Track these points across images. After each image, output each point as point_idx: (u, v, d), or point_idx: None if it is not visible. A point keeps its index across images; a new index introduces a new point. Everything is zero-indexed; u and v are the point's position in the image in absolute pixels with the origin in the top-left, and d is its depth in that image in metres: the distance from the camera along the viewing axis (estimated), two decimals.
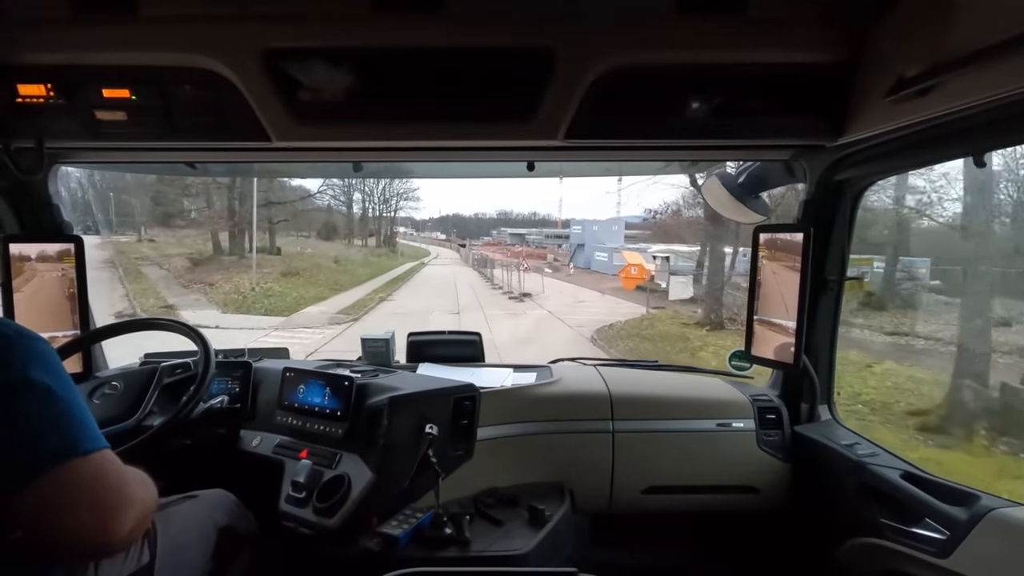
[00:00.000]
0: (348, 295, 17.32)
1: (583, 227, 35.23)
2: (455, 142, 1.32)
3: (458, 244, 50.56)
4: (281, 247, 22.34)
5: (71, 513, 0.69)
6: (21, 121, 1.22)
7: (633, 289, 17.80)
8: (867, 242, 8.43)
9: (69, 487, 0.68)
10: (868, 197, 1.53)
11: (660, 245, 21.77)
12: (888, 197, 8.67)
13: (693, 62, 1.18)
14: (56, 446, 0.68)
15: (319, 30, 1.14)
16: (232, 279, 16.32)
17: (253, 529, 1.28)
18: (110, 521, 0.71)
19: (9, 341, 0.70)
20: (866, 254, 8.31)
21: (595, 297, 18.48)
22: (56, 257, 1.60)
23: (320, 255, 24.07)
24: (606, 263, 26.06)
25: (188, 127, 1.25)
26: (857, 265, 1.72)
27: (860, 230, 1.58)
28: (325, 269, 21.07)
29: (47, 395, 0.69)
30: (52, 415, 0.69)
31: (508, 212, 73.14)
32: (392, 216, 36.55)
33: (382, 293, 18.23)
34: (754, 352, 1.65)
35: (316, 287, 17.74)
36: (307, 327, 12.71)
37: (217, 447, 1.53)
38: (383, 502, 1.31)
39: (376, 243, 34.55)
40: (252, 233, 18.37)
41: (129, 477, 0.77)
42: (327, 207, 31.49)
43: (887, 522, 1.29)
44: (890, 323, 8.86)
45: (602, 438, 1.64)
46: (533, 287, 19.15)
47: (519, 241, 54.65)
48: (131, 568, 0.92)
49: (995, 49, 0.81)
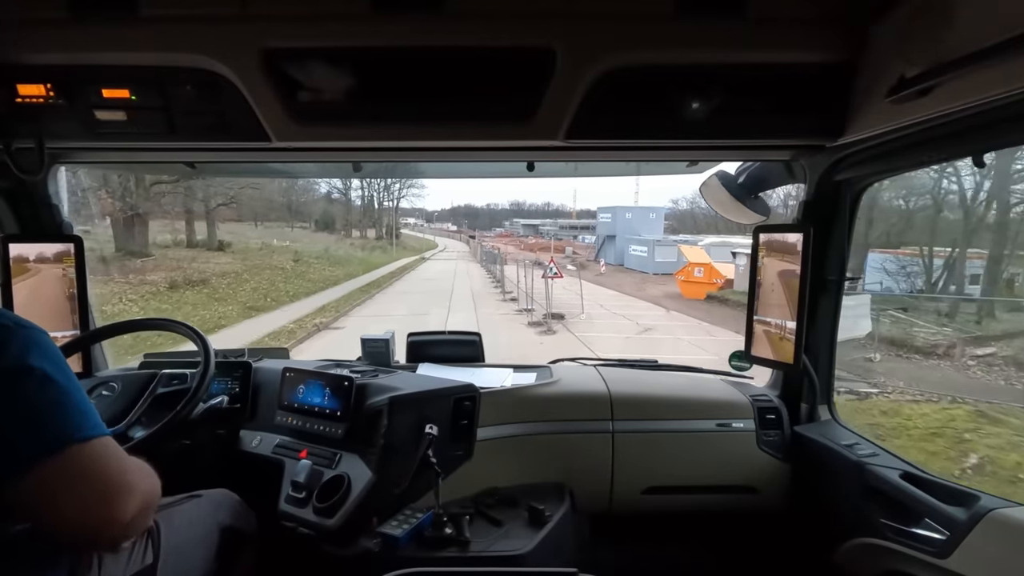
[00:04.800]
0: (268, 318, 12.17)
1: (613, 215, 29.55)
2: (455, 142, 1.32)
3: (468, 236, 49.69)
4: (268, 241, 18.03)
5: (71, 500, 0.68)
6: (21, 121, 1.22)
7: (703, 298, 12.80)
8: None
9: (69, 473, 0.68)
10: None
11: (712, 237, 16.68)
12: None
13: (693, 62, 1.18)
14: (55, 432, 0.68)
15: (319, 30, 1.14)
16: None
17: (256, 529, 1.28)
18: (111, 508, 0.71)
19: (8, 330, 0.69)
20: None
21: (658, 315, 12.42)
22: (55, 257, 1.60)
23: (287, 250, 20.07)
24: (645, 259, 21.33)
25: (188, 127, 1.25)
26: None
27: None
28: (274, 272, 16.47)
29: (45, 381, 0.69)
30: (51, 401, 0.69)
31: (521, 203, 72.24)
32: (395, 206, 33.99)
33: (330, 313, 12.95)
34: (754, 352, 1.65)
35: (225, 304, 12.82)
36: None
37: (217, 447, 1.53)
38: (383, 502, 1.31)
39: (376, 235, 31.98)
40: (138, 224, 13.26)
41: (130, 465, 0.76)
42: (326, 196, 29.28)
43: (887, 522, 1.29)
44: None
45: (602, 438, 1.64)
46: (561, 295, 12.93)
47: (532, 232, 53.16)
48: (135, 568, 0.92)
49: (995, 49, 0.81)
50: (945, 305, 10.85)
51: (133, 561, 0.91)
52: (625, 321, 11.78)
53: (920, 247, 12.35)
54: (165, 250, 16.22)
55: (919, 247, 12.39)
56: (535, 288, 12.92)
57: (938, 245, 12.07)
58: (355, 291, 16.53)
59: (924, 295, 11.47)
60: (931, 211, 12.77)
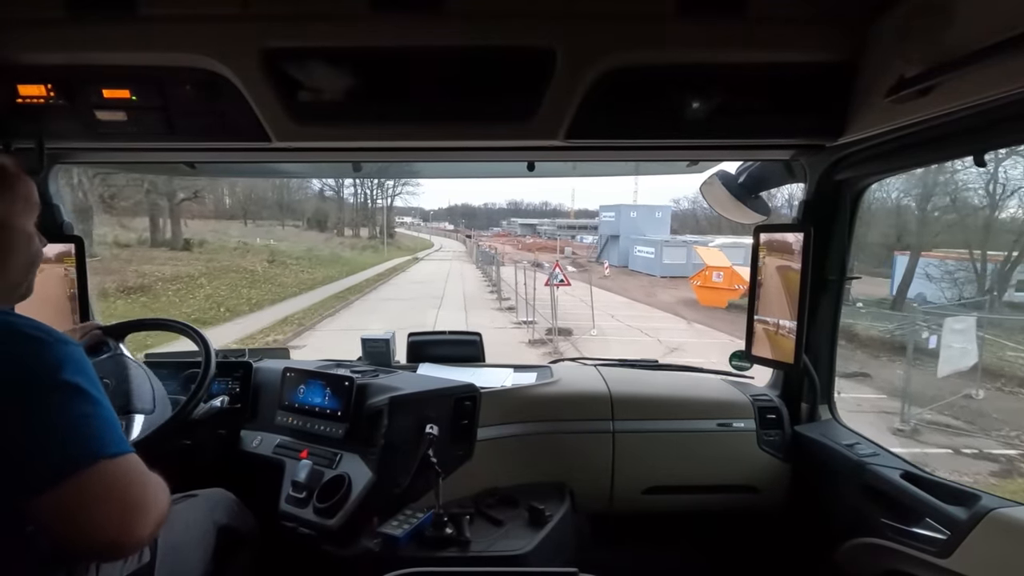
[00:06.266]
0: (211, 334, 6.11)
1: (617, 214, 27.79)
2: (455, 142, 1.32)
3: (465, 235, 49.41)
4: (250, 240, 15.66)
5: (92, 514, 0.68)
6: (21, 121, 1.22)
7: (724, 307, 11.20)
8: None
9: (94, 488, 0.68)
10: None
11: (722, 238, 14.95)
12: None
13: (693, 62, 1.18)
14: (87, 447, 0.68)
15: (319, 30, 1.14)
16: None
17: (253, 528, 1.28)
18: (129, 525, 0.71)
19: (43, 344, 0.70)
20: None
21: (679, 328, 10.58)
22: (56, 258, 1.60)
23: (266, 249, 18.21)
24: (651, 261, 20.12)
25: (188, 127, 1.25)
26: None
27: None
28: (240, 275, 14.49)
29: (79, 396, 0.69)
30: (84, 416, 0.69)
31: (518, 202, 72.06)
32: (387, 204, 33.01)
33: (292, 327, 11.08)
34: (755, 352, 1.65)
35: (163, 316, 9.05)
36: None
37: (217, 447, 1.53)
38: (383, 502, 1.31)
39: (369, 234, 30.85)
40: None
41: (150, 482, 0.77)
42: (319, 194, 27.77)
43: (887, 522, 1.28)
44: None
45: (602, 438, 1.64)
46: (563, 301, 10.69)
47: (530, 232, 52.66)
48: (132, 567, 0.92)
49: (995, 49, 0.81)
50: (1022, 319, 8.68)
51: (131, 561, 0.91)
52: (644, 337, 9.97)
53: (969, 248, 10.70)
54: (124, 250, 14.79)
55: (968, 248, 10.67)
56: (535, 292, 11.14)
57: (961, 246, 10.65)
58: (330, 298, 14.39)
59: (971, 304, 9.53)
60: (976, 209, 11.24)
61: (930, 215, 12.39)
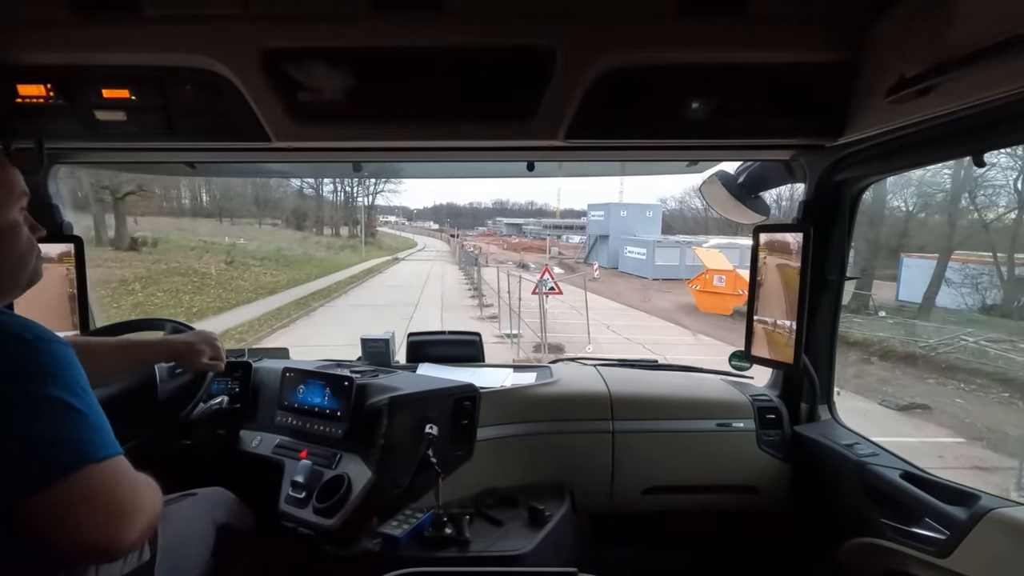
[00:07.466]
0: None
1: (606, 213, 26.38)
2: (455, 142, 1.32)
3: (449, 235, 49.17)
4: (215, 239, 13.82)
5: (83, 518, 0.68)
6: (21, 121, 1.22)
7: (729, 314, 10.16)
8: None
9: (82, 492, 0.68)
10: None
11: (720, 238, 13.90)
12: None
13: (693, 62, 1.18)
14: (74, 451, 0.68)
15: (319, 30, 1.14)
16: None
17: (252, 527, 1.28)
18: (121, 527, 0.71)
19: (30, 346, 0.69)
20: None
21: (684, 340, 9.41)
22: (56, 258, 1.60)
23: (228, 249, 16.57)
24: (643, 262, 19.00)
25: (188, 127, 1.25)
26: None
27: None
28: (187, 279, 12.95)
29: (68, 400, 0.69)
30: (71, 422, 0.69)
31: (504, 202, 71.87)
32: (367, 203, 31.62)
33: (232, 341, 9.14)
34: (754, 352, 1.65)
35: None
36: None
37: (217, 447, 1.53)
38: (383, 502, 1.31)
39: (349, 233, 29.53)
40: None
41: (140, 484, 0.76)
42: (299, 191, 26.35)
43: (887, 522, 1.29)
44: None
45: (602, 438, 1.64)
46: (552, 306, 9.42)
47: (516, 231, 52.51)
48: (131, 566, 0.92)
49: (995, 49, 0.81)
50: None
51: (130, 559, 0.91)
52: (647, 353, 8.26)
53: (993, 251, 9.92)
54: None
55: (992, 252, 9.77)
56: (520, 301, 9.81)
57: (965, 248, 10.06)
58: (289, 305, 12.77)
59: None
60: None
61: (953, 216, 11.63)
